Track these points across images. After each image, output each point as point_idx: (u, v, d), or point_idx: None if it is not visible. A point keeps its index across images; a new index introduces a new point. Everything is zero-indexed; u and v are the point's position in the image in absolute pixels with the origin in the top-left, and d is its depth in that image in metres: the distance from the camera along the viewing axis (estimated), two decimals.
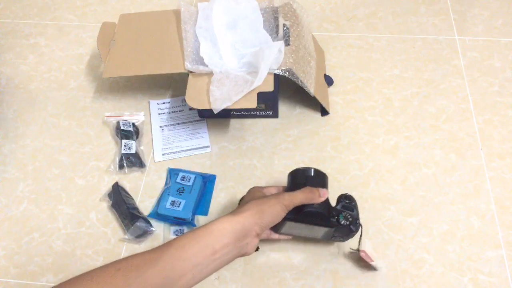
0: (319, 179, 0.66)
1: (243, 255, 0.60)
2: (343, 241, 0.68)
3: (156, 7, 1.09)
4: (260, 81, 0.75)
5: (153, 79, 0.95)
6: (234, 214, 0.59)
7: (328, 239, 0.68)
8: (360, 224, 0.66)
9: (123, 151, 0.82)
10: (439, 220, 0.74)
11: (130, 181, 0.81)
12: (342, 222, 0.63)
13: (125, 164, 0.81)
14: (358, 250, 0.68)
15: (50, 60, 1.00)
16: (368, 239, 0.72)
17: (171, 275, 0.52)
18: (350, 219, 0.64)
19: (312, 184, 0.64)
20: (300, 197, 0.61)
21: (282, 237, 0.69)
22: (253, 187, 0.68)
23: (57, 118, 0.90)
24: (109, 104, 0.92)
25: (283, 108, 0.89)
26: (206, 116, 0.88)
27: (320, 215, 0.63)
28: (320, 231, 0.65)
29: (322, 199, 0.62)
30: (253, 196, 0.65)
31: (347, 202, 0.65)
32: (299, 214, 0.62)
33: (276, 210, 0.60)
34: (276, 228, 0.66)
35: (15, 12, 1.11)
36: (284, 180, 0.77)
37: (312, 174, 0.66)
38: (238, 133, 0.86)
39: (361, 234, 0.67)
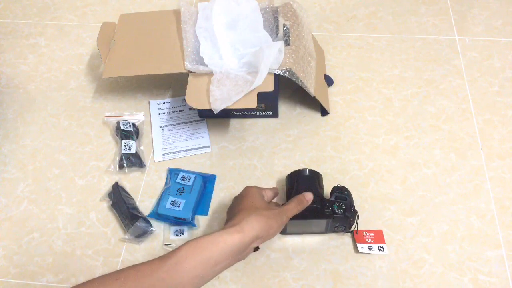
0: (315, 178, 0.73)
1: (238, 261, 0.61)
2: (346, 230, 0.71)
3: (156, 7, 1.09)
4: (260, 81, 0.75)
5: (153, 79, 0.95)
6: (241, 226, 0.58)
7: (332, 231, 0.72)
8: (355, 210, 0.70)
9: (123, 151, 0.82)
10: (439, 220, 0.74)
11: (130, 181, 0.81)
12: (337, 211, 0.68)
13: (125, 164, 0.81)
14: (353, 231, 0.72)
15: (50, 60, 1.00)
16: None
17: (170, 286, 0.52)
18: (344, 207, 0.68)
19: (309, 182, 0.71)
20: (294, 208, 0.65)
21: None
22: (251, 188, 0.68)
23: (57, 118, 0.90)
24: (109, 104, 0.92)
25: (283, 108, 0.89)
26: (206, 116, 0.88)
27: (315, 209, 0.68)
28: (320, 224, 0.70)
29: (310, 199, 0.67)
30: (254, 201, 0.64)
31: (340, 192, 0.70)
32: None
33: (280, 226, 0.63)
34: (282, 230, 0.70)
35: (15, 12, 1.10)
36: (283, 179, 0.78)
37: (308, 174, 0.72)
38: (238, 133, 0.86)
39: (357, 219, 0.70)
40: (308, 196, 0.67)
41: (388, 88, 0.91)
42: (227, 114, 0.88)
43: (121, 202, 0.76)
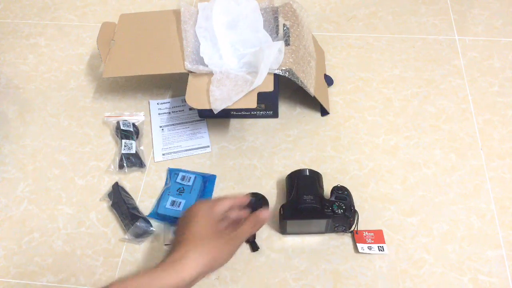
0: (315, 178, 0.73)
1: None
2: (346, 230, 0.71)
3: (156, 7, 1.09)
4: (260, 81, 0.75)
5: (153, 79, 0.95)
6: (183, 264, 0.53)
7: (332, 231, 0.72)
8: (355, 210, 0.70)
9: (123, 151, 0.82)
10: (439, 220, 0.74)
11: (130, 181, 0.81)
12: (337, 211, 0.68)
13: (125, 164, 0.81)
14: (353, 231, 0.72)
15: (50, 60, 1.00)
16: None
17: None
18: (344, 207, 0.68)
19: (309, 182, 0.71)
20: (248, 231, 0.61)
21: None
22: (200, 208, 0.61)
23: (57, 118, 0.90)
24: (109, 104, 0.92)
25: (283, 108, 0.89)
26: (206, 116, 0.88)
27: (314, 209, 0.68)
28: (320, 224, 0.70)
29: (266, 217, 0.63)
30: (201, 228, 0.59)
31: (340, 192, 0.70)
32: (295, 212, 0.67)
33: (232, 253, 0.59)
34: (281, 230, 0.72)
35: (15, 12, 1.10)
36: (283, 179, 0.78)
37: (308, 174, 0.73)
38: (238, 133, 0.86)
39: (357, 219, 0.70)
40: (264, 214, 0.62)
41: (388, 88, 0.91)
42: (227, 114, 0.88)
43: (121, 202, 0.76)
